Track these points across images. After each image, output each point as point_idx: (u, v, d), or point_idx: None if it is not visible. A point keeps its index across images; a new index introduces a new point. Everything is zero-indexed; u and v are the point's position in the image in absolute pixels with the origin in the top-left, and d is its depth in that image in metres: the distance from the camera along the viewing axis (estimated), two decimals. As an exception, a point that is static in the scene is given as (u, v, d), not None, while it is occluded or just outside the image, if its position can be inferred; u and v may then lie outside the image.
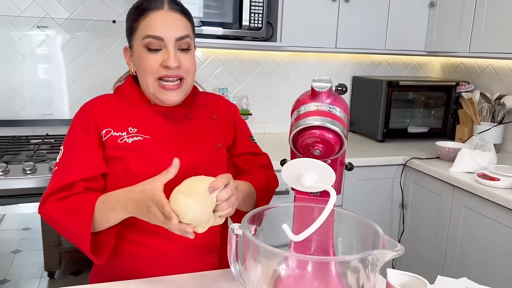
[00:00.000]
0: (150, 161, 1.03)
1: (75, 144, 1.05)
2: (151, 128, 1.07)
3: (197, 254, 1.08)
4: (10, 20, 2.16)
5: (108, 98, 1.13)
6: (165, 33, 1.01)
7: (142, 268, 1.05)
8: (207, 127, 1.14)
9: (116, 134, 1.04)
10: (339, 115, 0.80)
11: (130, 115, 1.08)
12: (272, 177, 1.21)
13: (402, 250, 0.70)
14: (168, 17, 1.02)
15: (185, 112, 1.13)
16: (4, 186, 1.65)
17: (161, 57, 1.02)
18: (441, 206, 2.01)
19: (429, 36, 2.50)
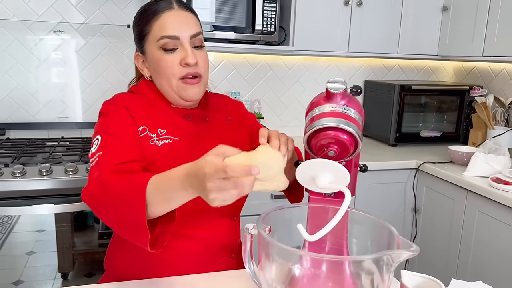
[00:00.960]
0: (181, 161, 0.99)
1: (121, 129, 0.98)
2: (178, 130, 1.06)
3: (219, 255, 1.09)
4: (27, 25, 2.20)
5: (134, 97, 1.08)
6: (180, 32, 1.02)
7: (159, 270, 1.05)
8: (224, 129, 1.15)
9: (150, 135, 1.02)
10: (354, 116, 0.80)
11: (158, 116, 1.06)
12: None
13: (417, 250, 0.70)
14: (179, 15, 1.04)
15: (203, 114, 1.13)
16: (20, 187, 1.67)
17: (179, 56, 1.02)
18: (455, 211, 1.99)
19: (442, 40, 2.49)
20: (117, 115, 1.00)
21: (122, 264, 1.10)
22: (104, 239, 1.94)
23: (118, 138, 0.96)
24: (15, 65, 2.22)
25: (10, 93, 2.23)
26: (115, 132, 0.97)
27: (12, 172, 1.67)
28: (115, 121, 1.00)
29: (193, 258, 1.07)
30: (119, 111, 1.01)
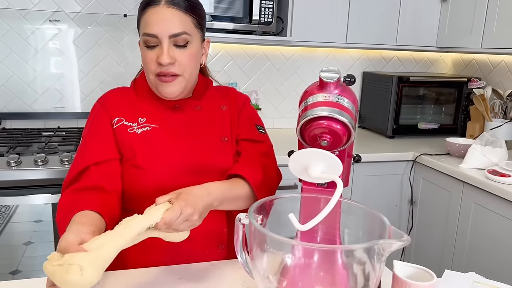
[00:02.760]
0: (156, 150, 1.06)
1: (90, 132, 1.09)
2: (159, 118, 1.10)
3: (205, 245, 1.09)
4: (23, 13, 2.18)
5: (123, 90, 1.17)
6: (158, 30, 1.01)
7: (151, 257, 1.07)
8: (216, 118, 1.15)
9: (127, 124, 1.08)
10: (347, 106, 0.80)
11: (141, 106, 1.12)
12: (272, 167, 1.16)
13: (408, 240, 0.69)
14: (164, 13, 1.02)
15: (195, 104, 1.14)
16: (16, 177, 1.67)
17: (156, 53, 1.03)
18: (451, 203, 2.00)
19: (441, 32, 2.47)
20: (91, 122, 1.11)
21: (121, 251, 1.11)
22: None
23: (87, 143, 1.08)
24: (10, 54, 2.20)
25: (6, 82, 2.22)
26: (85, 138, 1.10)
27: (7, 162, 1.66)
28: (88, 128, 1.10)
29: (176, 247, 1.06)
30: (94, 115, 1.12)
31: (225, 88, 1.25)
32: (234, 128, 1.17)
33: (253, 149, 1.16)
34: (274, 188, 1.15)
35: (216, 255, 1.11)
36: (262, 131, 1.22)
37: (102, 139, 1.07)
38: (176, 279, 0.96)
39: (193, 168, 1.08)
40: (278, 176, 1.17)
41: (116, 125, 1.08)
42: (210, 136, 1.12)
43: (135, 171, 1.06)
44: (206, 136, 1.12)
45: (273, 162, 1.19)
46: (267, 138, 1.22)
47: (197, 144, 1.10)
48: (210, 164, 1.09)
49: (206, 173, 1.08)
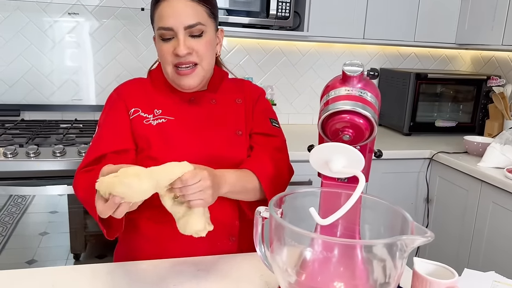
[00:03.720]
0: (171, 142, 1.07)
1: (106, 121, 1.10)
2: (175, 111, 1.11)
3: (217, 237, 1.09)
4: (42, 6, 2.20)
5: (140, 81, 1.17)
6: (173, 23, 1.02)
7: (162, 247, 1.08)
8: (231, 112, 1.15)
9: (143, 115, 1.09)
10: (370, 100, 0.79)
11: (157, 98, 1.12)
12: (283, 162, 1.16)
13: (432, 236, 0.68)
14: (176, 4, 1.02)
15: (210, 97, 1.15)
16: (34, 168, 1.69)
17: (172, 45, 1.04)
18: (468, 201, 1.97)
19: (460, 28, 2.43)
20: (107, 111, 1.12)
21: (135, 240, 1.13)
22: (116, 221, 1.96)
23: (103, 131, 1.09)
24: (30, 46, 2.23)
25: (24, 74, 2.25)
26: (102, 126, 1.10)
27: (26, 153, 1.69)
28: (105, 116, 1.12)
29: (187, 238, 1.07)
30: (110, 104, 1.13)
31: (240, 80, 1.25)
32: (249, 121, 1.17)
33: (266, 143, 1.16)
34: (285, 183, 1.14)
35: (227, 247, 1.11)
36: (276, 125, 1.21)
37: (120, 128, 1.08)
38: (194, 271, 0.96)
39: (207, 160, 1.07)
40: (289, 172, 1.17)
41: (132, 116, 1.09)
42: (225, 129, 1.12)
43: (150, 162, 1.05)
44: (221, 130, 1.12)
45: (285, 157, 1.18)
46: (280, 133, 1.22)
47: (211, 137, 1.10)
48: (224, 157, 1.10)
49: (219, 166, 1.08)
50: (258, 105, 1.20)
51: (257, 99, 1.21)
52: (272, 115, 1.22)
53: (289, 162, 1.19)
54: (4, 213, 1.80)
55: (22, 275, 0.93)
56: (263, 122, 1.19)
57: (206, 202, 0.87)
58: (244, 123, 1.15)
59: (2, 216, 1.80)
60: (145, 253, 1.09)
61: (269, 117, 1.21)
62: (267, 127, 1.18)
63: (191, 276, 0.94)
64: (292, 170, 1.18)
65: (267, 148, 1.14)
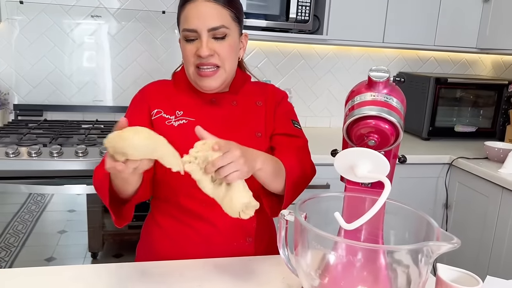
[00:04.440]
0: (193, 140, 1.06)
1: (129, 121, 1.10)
2: (196, 112, 1.13)
3: (233, 238, 1.11)
4: (66, 9, 2.25)
5: (164, 82, 1.20)
6: (197, 25, 1.04)
7: (181, 245, 1.10)
8: (251, 114, 1.16)
9: (165, 116, 1.12)
10: (395, 105, 0.79)
11: (179, 99, 1.15)
12: (306, 160, 1.15)
13: (459, 243, 0.68)
14: (201, 7, 1.04)
15: (231, 98, 1.16)
16: (57, 167, 1.73)
17: (195, 46, 1.06)
18: (488, 208, 1.95)
19: (481, 33, 2.41)
20: (130, 110, 1.16)
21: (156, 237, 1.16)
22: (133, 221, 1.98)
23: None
24: (53, 48, 2.27)
25: (48, 75, 2.29)
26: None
27: (50, 152, 1.72)
28: (128, 115, 1.13)
29: (206, 238, 1.10)
30: (134, 104, 1.16)
31: (263, 84, 1.26)
32: (269, 124, 1.18)
33: (289, 143, 1.16)
34: (307, 180, 1.14)
35: (243, 248, 1.12)
36: (298, 126, 1.22)
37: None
38: (217, 272, 0.97)
39: None
40: (312, 170, 1.17)
41: (154, 117, 1.12)
42: (244, 131, 1.14)
43: None
44: (240, 131, 1.13)
45: (308, 156, 1.18)
46: (302, 134, 1.22)
47: (231, 138, 1.11)
48: None
49: None
50: (280, 107, 1.21)
51: (280, 102, 1.21)
52: (294, 117, 1.23)
53: (312, 161, 1.19)
54: (24, 211, 1.84)
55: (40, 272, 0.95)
56: (286, 123, 1.19)
57: (242, 172, 0.84)
58: (264, 125, 1.17)
59: (22, 214, 1.84)
60: (165, 251, 1.11)
61: (291, 118, 1.22)
62: (289, 128, 1.19)
63: (214, 277, 0.95)
64: (314, 169, 1.18)
65: (290, 147, 1.15)
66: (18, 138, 1.86)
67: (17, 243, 1.83)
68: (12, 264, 1.82)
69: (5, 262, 1.81)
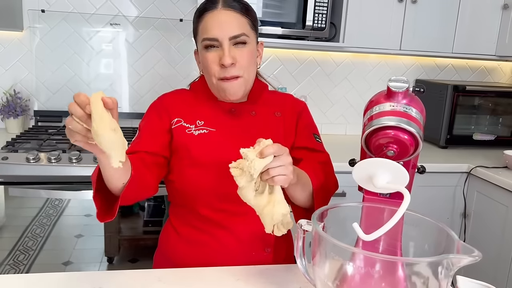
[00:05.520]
0: (213, 150, 1.08)
1: (147, 125, 1.13)
2: (217, 123, 1.13)
3: (252, 248, 1.11)
4: (86, 17, 2.29)
5: (183, 92, 1.21)
6: (218, 33, 1.04)
7: (199, 253, 1.10)
8: (270, 124, 1.16)
9: (185, 125, 1.12)
10: (415, 116, 0.79)
11: (199, 110, 1.15)
12: (331, 175, 1.16)
13: (480, 256, 0.67)
14: (221, 16, 1.05)
15: (250, 108, 1.16)
16: (76, 173, 1.76)
17: (217, 55, 1.05)
18: (508, 218, 1.91)
19: (501, 40, 2.38)
20: (149, 116, 1.15)
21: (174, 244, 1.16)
22: (149, 226, 2.01)
23: (142, 134, 1.12)
24: (72, 55, 2.32)
25: (67, 82, 2.34)
26: (141, 130, 1.13)
27: (69, 158, 1.75)
28: (146, 121, 1.14)
29: (225, 247, 1.10)
30: (153, 110, 1.15)
31: (282, 94, 1.26)
32: (288, 135, 1.17)
33: (312, 158, 1.16)
34: (330, 195, 1.14)
35: (262, 258, 1.12)
36: (319, 140, 1.22)
37: (158, 134, 1.11)
38: (234, 280, 0.97)
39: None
40: (335, 185, 1.17)
41: (174, 125, 1.12)
42: None
43: (190, 170, 1.09)
44: None
45: (332, 172, 1.18)
46: (324, 148, 1.22)
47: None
48: None
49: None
50: (301, 119, 1.20)
51: (301, 113, 1.21)
52: (315, 130, 1.23)
53: (335, 177, 1.19)
54: (42, 215, 1.87)
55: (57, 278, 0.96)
56: (308, 137, 1.19)
57: (288, 178, 0.86)
58: (283, 136, 1.16)
59: (40, 218, 1.87)
60: (183, 258, 1.11)
61: (313, 132, 1.21)
62: (312, 142, 1.19)
63: (231, 285, 0.95)
64: (337, 184, 1.18)
65: (314, 162, 1.14)
66: (38, 144, 1.90)
67: (35, 246, 1.86)
68: (31, 267, 1.85)
69: (24, 265, 1.84)
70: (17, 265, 1.84)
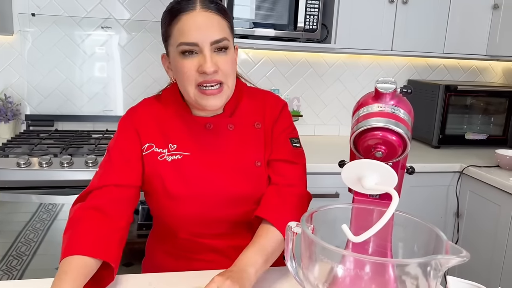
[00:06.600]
0: (188, 180, 1.02)
1: (117, 150, 1.04)
2: (191, 144, 1.04)
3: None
4: (77, 20, 2.28)
5: (152, 104, 1.09)
6: (199, 38, 0.94)
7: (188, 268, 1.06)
8: (249, 139, 1.08)
9: (157, 150, 1.03)
10: (403, 117, 0.79)
11: (171, 128, 1.05)
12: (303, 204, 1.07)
13: (468, 256, 0.67)
14: (201, 18, 0.94)
15: (227, 122, 1.07)
16: (68, 177, 1.75)
17: (197, 61, 0.95)
18: (500, 217, 1.92)
19: (491, 39, 2.39)
20: (120, 139, 1.04)
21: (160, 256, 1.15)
22: (143, 230, 1.99)
23: (113, 161, 1.02)
24: (64, 59, 2.31)
25: (59, 86, 2.33)
26: (112, 154, 1.03)
27: (60, 162, 1.74)
28: (117, 145, 1.04)
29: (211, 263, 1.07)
30: (124, 132, 1.05)
31: (261, 95, 1.14)
32: (268, 146, 1.09)
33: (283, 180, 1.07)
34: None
35: None
36: (297, 144, 1.12)
37: (129, 162, 1.02)
38: (224, 284, 0.97)
39: (226, 199, 1.04)
40: (308, 203, 1.10)
41: (146, 152, 1.03)
42: (243, 160, 1.06)
43: (166, 202, 1.03)
44: (239, 161, 1.06)
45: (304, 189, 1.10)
46: (301, 155, 1.12)
47: (230, 172, 1.05)
48: (245, 195, 1.05)
49: (240, 202, 1.05)
50: (277, 125, 1.11)
51: (278, 117, 1.11)
52: (292, 132, 1.13)
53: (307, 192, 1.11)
54: (36, 220, 1.85)
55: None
56: (283, 145, 1.10)
57: None
58: (263, 150, 1.08)
59: (33, 223, 1.85)
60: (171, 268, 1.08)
61: (289, 136, 1.11)
62: (287, 152, 1.09)
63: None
64: (310, 197, 1.12)
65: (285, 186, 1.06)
66: (30, 149, 1.88)
67: (28, 251, 1.85)
68: (24, 272, 1.83)
69: (17, 271, 1.82)
70: (10, 270, 1.82)
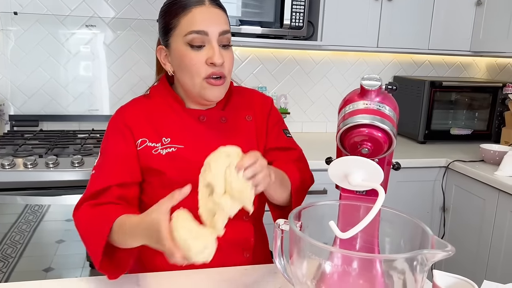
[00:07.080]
0: (185, 169, 1.02)
1: (111, 149, 1.05)
2: (184, 137, 1.06)
3: (231, 254, 1.08)
4: (60, 19, 2.25)
5: (142, 102, 1.11)
6: (209, 27, 0.99)
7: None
8: (241, 131, 1.12)
9: (150, 145, 1.05)
10: (388, 113, 0.79)
11: (163, 123, 1.07)
12: (306, 170, 1.16)
13: (453, 251, 0.69)
14: (210, 12, 1.01)
15: (219, 115, 1.11)
16: (53, 178, 1.73)
17: (205, 54, 1.00)
18: (485, 211, 1.95)
19: (475, 36, 2.42)
20: (112, 138, 1.06)
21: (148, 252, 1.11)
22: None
23: (108, 161, 1.03)
24: (48, 58, 2.28)
25: (43, 86, 2.29)
26: (107, 154, 1.04)
27: (46, 163, 1.72)
28: (110, 144, 1.05)
29: None
30: (116, 131, 1.06)
31: (248, 92, 1.20)
32: (260, 139, 1.14)
33: (285, 156, 1.16)
34: (307, 190, 1.14)
35: (241, 263, 1.10)
36: (289, 135, 1.20)
37: (126, 160, 1.03)
38: (211, 282, 0.97)
39: None
40: (311, 179, 1.18)
41: (140, 147, 1.04)
42: None
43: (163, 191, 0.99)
44: None
45: (306, 166, 1.18)
46: (295, 143, 1.21)
47: None
48: None
49: None
50: (271, 118, 1.18)
51: (269, 112, 1.18)
52: (284, 125, 1.22)
53: (310, 170, 1.19)
54: (22, 221, 1.83)
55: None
56: (278, 136, 1.17)
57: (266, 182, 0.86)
58: (256, 141, 1.13)
59: (19, 224, 1.83)
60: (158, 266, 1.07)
61: (282, 128, 1.20)
62: (283, 141, 1.17)
63: (211, 286, 0.95)
64: (313, 178, 1.18)
65: (289, 161, 1.13)
66: (14, 149, 1.86)
67: (14, 253, 1.82)
68: (10, 275, 1.81)
69: (3, 273, 1.80)
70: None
